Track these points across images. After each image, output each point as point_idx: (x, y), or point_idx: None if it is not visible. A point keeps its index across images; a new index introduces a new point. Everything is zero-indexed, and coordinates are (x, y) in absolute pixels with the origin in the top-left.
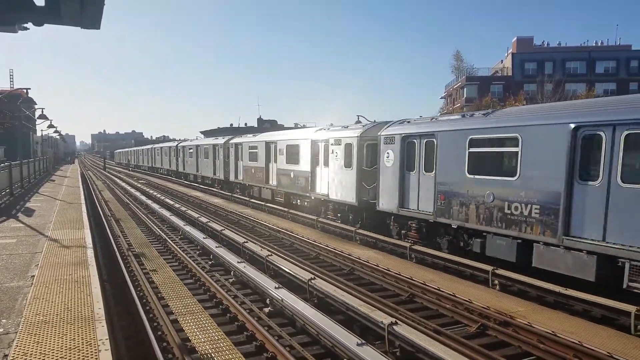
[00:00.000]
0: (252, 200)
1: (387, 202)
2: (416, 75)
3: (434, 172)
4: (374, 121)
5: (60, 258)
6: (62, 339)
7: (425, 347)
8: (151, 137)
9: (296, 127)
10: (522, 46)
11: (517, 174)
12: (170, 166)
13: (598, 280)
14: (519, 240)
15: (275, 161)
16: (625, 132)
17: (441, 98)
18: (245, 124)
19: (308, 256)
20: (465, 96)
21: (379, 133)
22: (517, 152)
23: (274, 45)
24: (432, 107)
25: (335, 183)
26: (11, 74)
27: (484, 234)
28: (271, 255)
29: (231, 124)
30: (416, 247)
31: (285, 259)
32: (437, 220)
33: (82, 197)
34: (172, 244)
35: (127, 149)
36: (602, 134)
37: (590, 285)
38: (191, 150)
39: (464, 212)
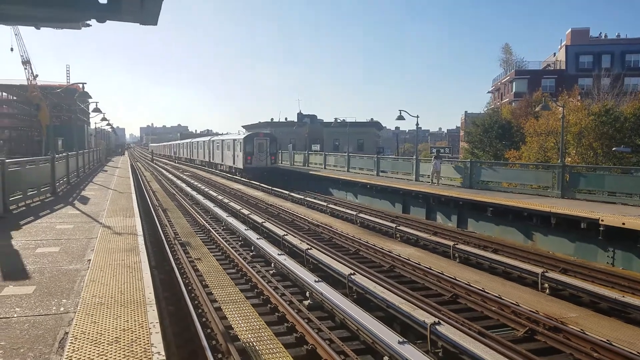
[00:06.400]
0: (292, 194)
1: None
2: (462, 69)
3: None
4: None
5: (113, 244)
6: (117, 320)
7: (469, 349)
8: (195, 130)
9: (336, 121)
10: (577, 38)
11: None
12: (187, 155)
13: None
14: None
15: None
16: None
17: (488, 92)
18: (286, 119)
19: (347, 251)
20: (514, 91)
21: (230, 138)
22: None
23: (315, 39)
24: (478, 101)
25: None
26: (68, 69)
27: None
28: (310, 249)
29: (272, 119)
30: (460, 246)
31: (325, 253)
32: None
33: (132, 187)
34: (216, 234)
35: (158, 144)
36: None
37: None
38: (194, 144)
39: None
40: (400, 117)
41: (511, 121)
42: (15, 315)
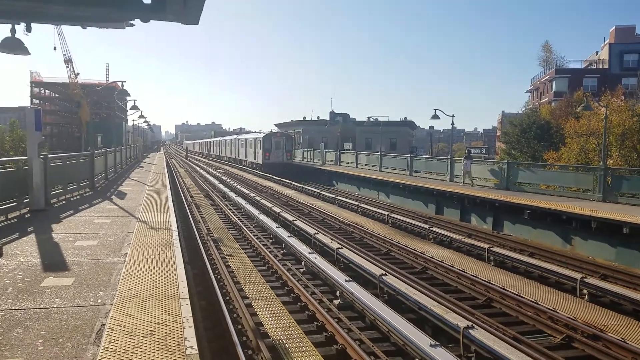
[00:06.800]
0: (323, 193)
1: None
2: (500, 68)
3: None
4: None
5: (148, 239)
6: (151, 314)
7: (503, 354)
8: (229, 128)
9: (369, 119)
10: (622, 36)
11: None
12: (217, 152)
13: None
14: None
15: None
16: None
17: (526, 92)
18: (318, 117)
19: (379, 252)
20: (554, 90)
21: (252, 136)
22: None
23: (349, 38)
24: (516, 100)
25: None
26: (107, 67)
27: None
28: (341, 248)
29: (304, 117)
30: (495, 249)
31: (356, 253)
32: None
33: (167, 183)
34: (247, 231)
35: (192, 141)
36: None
37: None
38: (222, 142)
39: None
40: (435, 116)
41: (550, 121)
42: (55, 306)
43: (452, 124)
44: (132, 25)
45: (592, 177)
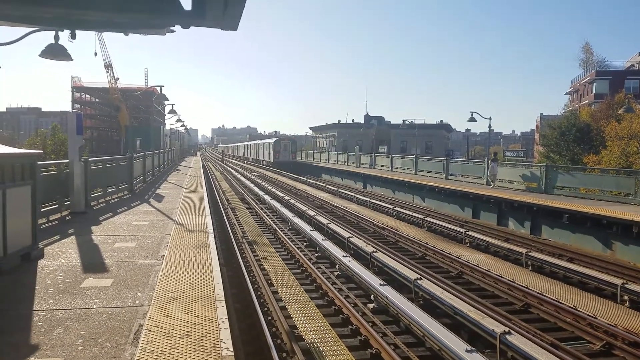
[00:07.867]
0: (358, 196)
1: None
2: (538, 69)
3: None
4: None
5: (185, 241)
6: (188, 315)
7: None
8: (264, 132)
9: (404, 122)
10: None
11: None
12: (244, 155)
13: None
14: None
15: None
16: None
17: (566, 94)
18: (353, 120)
19: (414, 256)
20: (594, 92)
21: (267, 141)
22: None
23: (384, 40)
24: (555, 102)
25: (260, 155)
26: (146, 72)
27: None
28: (376, 251)
29: (339, 120)
30: (533, 253)
31: (390, 257)
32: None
33: (204, 186)
34: (282, 234)
35: (227, 145)
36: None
37: None
38: (247, 146)
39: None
40: (472, 119)
41: (590, 124)
42: (94, 307)
43: (489, 126)
44: (173, 31)
45: (634, 181)
